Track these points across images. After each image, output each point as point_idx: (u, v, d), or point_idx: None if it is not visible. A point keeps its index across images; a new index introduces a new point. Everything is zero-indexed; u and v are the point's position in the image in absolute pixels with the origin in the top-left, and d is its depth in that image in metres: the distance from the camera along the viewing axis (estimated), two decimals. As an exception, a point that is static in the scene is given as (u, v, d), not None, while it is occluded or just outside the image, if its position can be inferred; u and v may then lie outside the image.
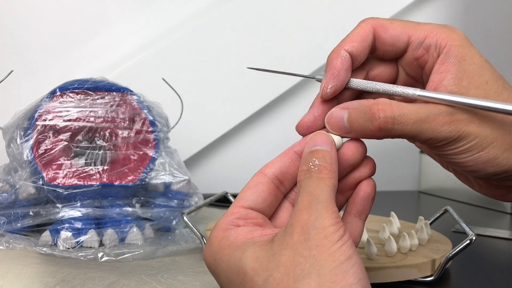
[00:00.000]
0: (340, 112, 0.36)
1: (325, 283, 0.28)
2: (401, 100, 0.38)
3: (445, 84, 0.36)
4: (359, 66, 0.39)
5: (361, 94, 0.40)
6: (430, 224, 0.63)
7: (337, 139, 0.36)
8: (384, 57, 0.39)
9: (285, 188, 0.37)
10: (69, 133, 0.59)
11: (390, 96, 0.39)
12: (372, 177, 0.38)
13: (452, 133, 0.35)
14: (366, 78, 0.40)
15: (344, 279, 0.28)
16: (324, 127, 0.37)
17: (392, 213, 0.62)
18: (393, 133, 0.35)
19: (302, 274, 0.28)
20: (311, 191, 0.31)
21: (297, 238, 0.29)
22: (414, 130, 0.35)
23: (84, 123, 0.60)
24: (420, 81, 0.40)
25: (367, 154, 0.37)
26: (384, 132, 0.35)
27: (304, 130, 0.38)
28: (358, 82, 0.38)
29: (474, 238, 0.49)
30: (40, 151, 0.58)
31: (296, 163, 0.36)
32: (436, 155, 0.39)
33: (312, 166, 0.33)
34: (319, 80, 0.38)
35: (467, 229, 0.52)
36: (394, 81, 0.41)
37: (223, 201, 0.71)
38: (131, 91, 0.63)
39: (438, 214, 0.65)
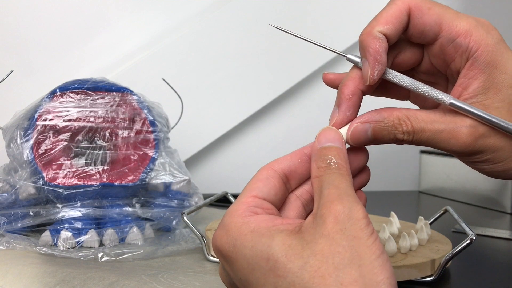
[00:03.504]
0: (364, 126, 0.36)
1: (367, 275, 0.28)
2: (422, 102, 0.40)
3: (470, 92, 0.36)
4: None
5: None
6: (430, 224, 0.63)
7: (344, 135, 0.36)
8: (410, 40, 0.38)
9: (290, 186, 0.37)
10: (69, 133, 0.59)
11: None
12: (371, 177, 0.39)
13: (470, 147, 0.36)
14: (392, 64, 0.39)
15: (382, 272, 0.29)
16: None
17: (392, 213, 0.62)
18: (413, 143, 0.36)
19: (343, 263, 0.29)
20: (337, 185, 0.32)
21: (331, 228, 0.30)
22: (431, 141, 0.36)
23: (84, 123, 0.60)
24: (443, 73, 0.39)
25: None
26: (405, 142, 0.36)
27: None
28: (394, 75, 0.37)
29: (474, 238, 0.49)
30: (40, 151, 0.58)
31: (305, 165, 0.36)
32: None
33: (331, 163, 0.33)
34: (350, 60, 0.37)
35: (467, 229, 0.52)
36: (417, 66, 0.40)
37: (223, 201, 0.71)
38: (131, 91, 0.63)
39: (438, 214, 0.65)
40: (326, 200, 0.31)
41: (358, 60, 0.37)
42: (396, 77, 0.37)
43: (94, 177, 0.59)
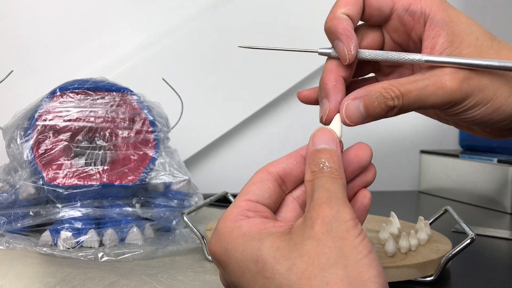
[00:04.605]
0: (354, 102, 0.36)
1: (351, 274, 0.28)
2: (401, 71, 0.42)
3: (438, 48, 0.38)
4: None
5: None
6: (430, 224, 0.63)
7: (338, 133, 0.36)
8: (369, 22, 0.40)
9: (286, 188, 0.37)
10: (69, 133, 0.59)
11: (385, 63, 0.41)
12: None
13: (457, 93, 0.37)
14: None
15: (369, 271, 0.29)
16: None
17: (392, 213, 0.62)
18: (404, 109, 0.37)
19: (328, 264, 0.29)
20: (328, 188, 0.32)
21: (318, 229, 0.30)
22: (420, 99, 0.37)
23: (84, 123, 0.60)
24: (406, 47, 0.41)
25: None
26: (396, 110, 0.37)
27: (329, 121, 0.38)
28: (367, 52, 0.38)
29: (474, 238, 0.49)
30: (40, 151, 0.58)
31: (301, 166, 0.36)
32: (444, 116, 0.41)
33: (324, 167, 0.33)
34: (323, 53, 0.38)
35: (467, 229, 0.52)
36: (381, 49, 0.42)
37: (223, 201, 0.71)
38: (131, 91, 0.63)
39: (438, 214, 0.65)
40: (315, 203, 0.31)
41: (329, 50, 0.38)
42: (369, 53, 0.38)
43: (94, 177, 0.59)
